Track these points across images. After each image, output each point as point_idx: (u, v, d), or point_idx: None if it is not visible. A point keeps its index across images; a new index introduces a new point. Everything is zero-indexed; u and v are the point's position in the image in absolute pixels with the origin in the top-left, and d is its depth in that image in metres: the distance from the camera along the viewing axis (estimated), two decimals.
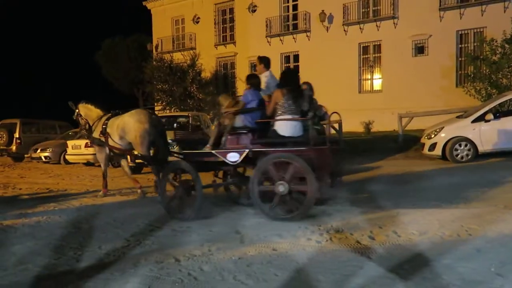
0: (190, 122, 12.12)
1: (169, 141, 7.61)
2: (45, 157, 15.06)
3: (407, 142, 13.29)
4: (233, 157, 5.19)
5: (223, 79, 26.54)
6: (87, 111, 7.79)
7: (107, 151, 7.52)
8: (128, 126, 6.95)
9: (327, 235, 4.27)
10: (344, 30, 21.97)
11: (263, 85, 5.66)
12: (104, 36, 31.82)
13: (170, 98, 21.68)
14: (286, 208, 4.99)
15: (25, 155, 16.26)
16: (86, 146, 13.45)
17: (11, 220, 5.71)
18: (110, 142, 7.27)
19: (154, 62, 23.21)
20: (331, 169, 5.30)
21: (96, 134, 7.51)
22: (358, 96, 21.80)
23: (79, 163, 14.23)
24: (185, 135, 9.18)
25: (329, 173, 5.21)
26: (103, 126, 7.33)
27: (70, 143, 13.98)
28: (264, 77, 5.80)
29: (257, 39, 23.89)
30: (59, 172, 12.65)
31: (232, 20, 26.23)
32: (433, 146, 10.30)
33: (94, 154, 13.21)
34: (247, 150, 5.08)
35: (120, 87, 32.99)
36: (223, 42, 26.43)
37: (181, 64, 22.38)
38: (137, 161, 8.23)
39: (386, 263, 3.41)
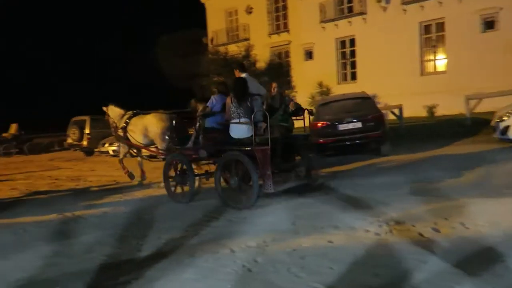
0: None
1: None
2: (113, 151, 15.98)
3: (475, 126, 12.34)
4: (202, 153, 6.22)
5: (277, 69, 26.39)
6: (112, 112, 8.58)
7: (127, 146, 8.40)
8: (151, 125, 7.76)
9: (386, 227, 4.07)
10: (403, 10, 20.80)
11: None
12: (161, 33, 32.85)
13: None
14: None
15: (95, 149, 17.38)
16: None
17: (81, 211, 6.12)
18: (131, 139, 8.06)
19: (209, 55, 23.64)
20: (279, 165, 5.92)
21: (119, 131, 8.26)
22: (420, 78, 20.61)
23: (143, 156, 14.87)
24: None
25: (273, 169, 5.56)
26: (124, 124, 8.12)
27: None
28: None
29: (311, 25, 23.41)
30: (126, 164, 13.33)
31: (285, 8, 25.93)
32: (505, 130, 9.43)
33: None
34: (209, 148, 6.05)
35: (177, 83, 34.04)
36: (276, 31, 26.24)
37: (235, 56, 22.57)
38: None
39: (452, 257, 3.17)
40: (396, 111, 14.06)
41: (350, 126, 8.95)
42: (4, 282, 3.36)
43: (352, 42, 22.90)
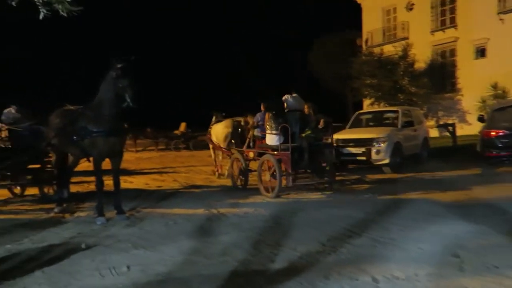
0: (399, 117, 11.11)
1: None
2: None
3: None
4: (251, 154, 8.42)
5: (440, 69, 23.64)
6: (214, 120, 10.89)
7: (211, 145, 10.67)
8: (218, 130, 10.04)
9: None
10: None
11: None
12: (314, 35, 33.02)
13: (379, 93, 20.69)
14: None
15: None
16: None
17: (226, 209, 6.30)
18: (213, 139, 10.40)
19: (362, 57, 22.63)
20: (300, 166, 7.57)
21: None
22: None
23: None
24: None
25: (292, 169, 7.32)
26: (209, 129, 10.68)
27: None
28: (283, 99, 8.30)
29: (486, 18, 20.19)
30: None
31: (452, 1, 23.03)
32: None
33: None
34: (254, 150, 8.35)
35: (329, 85, 33.75)
36: (441, 27, 23.50)
37: (391, 57, 21.06)
38: None
39: None
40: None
41: None
42: (145, 274, 3.53)
43: None
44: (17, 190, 8.00)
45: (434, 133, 16.84)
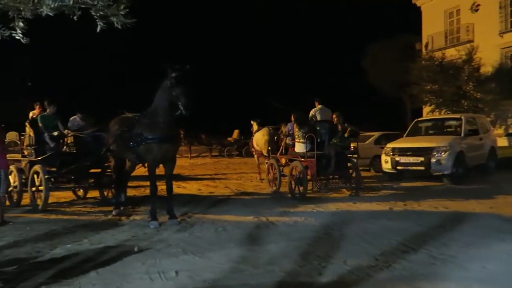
0: (463, 125, 10.43)
1: None
2: None
3: None
4: (283, 160, 9.50)
5: (509, 74, 21.94)
6: (255, 128, 11.57)
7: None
8: (258, 137, 10.86)
9: None
10: None
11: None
12: (370, 41, 32.09)
13: (440, 100, 19.61)
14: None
15: None
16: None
17: (275, 217, 6.24)
18: (254, 146, 11.16)
19: (422, 62, 21.61)
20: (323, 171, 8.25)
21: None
22: None
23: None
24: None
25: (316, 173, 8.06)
26: (252, 137, 11.60)
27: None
28: (313, 111, 9.21)
29: None
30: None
31: None
32: None
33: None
34: (286, 157, 9.26)
35: (386, 92, 32.63)
36: (511, 28, 21.88)
37: (454, 61, 19.90)
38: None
39: None
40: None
41: None
42: (192, 280, 3.55)
43: None
44: (80, 192, 8.52)
45: (502, 142, 15.65)
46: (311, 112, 9.16)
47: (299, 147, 8.33)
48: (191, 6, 51.84)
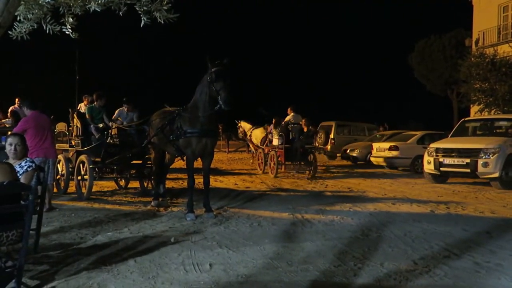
0: None
1: None
2: (353, 157, 16.06)
3: None
4: (266, 150, 12.36)
5: None
6: (245, 126, 14.60)
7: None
8: (257, 134, 13.44)
9: None
10: None
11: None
12: (418, 37, 30.91)
13: (490, 99, 18.57)
14: None
15: (337, 154, 17.91)
16: (390, 149, 13.38)
17: (311, 215, 6.17)
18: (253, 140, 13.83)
19: (472, 59, 20.54)
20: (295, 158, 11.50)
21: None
22: None
23: (382, 165, 14.35)
24: None
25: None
26: (250, 132, 14.08)
27: (375, 145, 14.31)
28: (288, 117, 12.21)
29: None
30: (362, 172, 13.13)
31: None
32: None
33: (398, 158, 13.07)
34: (268, 148, 12.30)
35: (433, 89, 31.39)
36: None
37: (507, 58, 18.75)
38: None
39: None
40: None
41: None
42: (226, 274, 3.58)
43: None
44: (122, 183, 8.83)
45: None
46: (287, 118, 12.10)
47: (275, 142, 11.60)
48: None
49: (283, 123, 11.83)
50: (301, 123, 11.73)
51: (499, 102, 18.18)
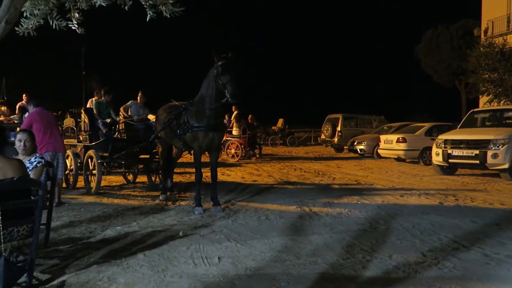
0: None
1: None
2: (360, 149, 16.00)
3: None
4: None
5: None
6: None
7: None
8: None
9: None
10: None
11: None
12: (425, 28, 30.54)
13: (499, 89, 18.35)
14: None
15: (344, 147, 17.85)
16: (398, 141, 13.30)
17: (318, 207, 6.16)
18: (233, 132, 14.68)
19: (480, 49, 20.26)
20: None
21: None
22: None
23: (390, 158, 14.29)
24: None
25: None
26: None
27: (383, 137, 14.24)
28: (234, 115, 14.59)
29: None
30: (370, 165, 13.08)
31: None
32: None
33: (405, 150, 12.99)
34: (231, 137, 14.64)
35: (440, 80, 31.09)
36: None
37: None
38: None
39: None
40: None
41: None
42: (235, 267, 3.59)
43: None
44: (130, 177, 8.87)
45: None
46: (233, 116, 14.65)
47: (235, 132, 14.33)
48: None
49: (242, 119, 14.81)
50: (250, 118, 15.62)
51: (508, 93, 17.96)
